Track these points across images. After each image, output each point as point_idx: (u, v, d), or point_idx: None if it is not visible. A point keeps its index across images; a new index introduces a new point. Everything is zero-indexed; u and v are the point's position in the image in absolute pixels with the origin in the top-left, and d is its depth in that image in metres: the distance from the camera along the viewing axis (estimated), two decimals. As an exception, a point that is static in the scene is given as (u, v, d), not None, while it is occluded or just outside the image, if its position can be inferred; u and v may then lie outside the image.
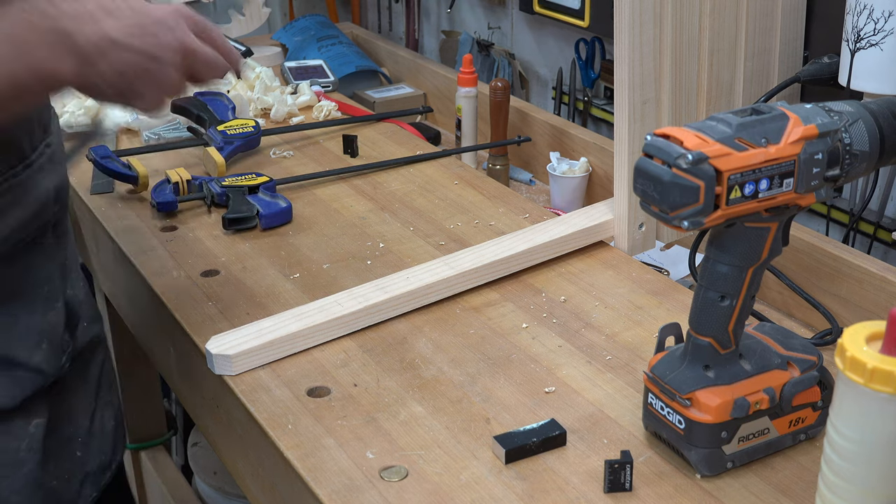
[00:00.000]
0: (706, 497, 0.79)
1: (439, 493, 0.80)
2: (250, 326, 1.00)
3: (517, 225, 1.22)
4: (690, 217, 0.72)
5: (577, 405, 0.90)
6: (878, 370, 0.63)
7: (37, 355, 0.94)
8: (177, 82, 0.86)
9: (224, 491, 1.75)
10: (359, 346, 1.00)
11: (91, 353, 1.06)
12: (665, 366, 0.82)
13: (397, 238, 1.20)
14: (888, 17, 1.04)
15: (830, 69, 1.17)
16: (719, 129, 0.74)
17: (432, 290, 1.06)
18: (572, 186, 1.38)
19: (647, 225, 1.17)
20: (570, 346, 0.99)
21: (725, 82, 1.18)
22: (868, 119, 0.79)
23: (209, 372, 0.97)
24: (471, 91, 1.50)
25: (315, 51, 1.82)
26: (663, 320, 1.00)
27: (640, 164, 0.74)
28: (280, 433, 0.88)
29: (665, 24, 1.09)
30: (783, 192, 0.75)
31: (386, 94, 1.72)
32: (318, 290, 1.09)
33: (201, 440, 1.82)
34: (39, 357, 0.94)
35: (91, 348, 1.06)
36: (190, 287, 1.11)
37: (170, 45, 0.84)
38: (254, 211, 1.23)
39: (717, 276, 0.78)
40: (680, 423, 0.80)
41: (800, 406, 0.82)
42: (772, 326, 0.88)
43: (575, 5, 1.56)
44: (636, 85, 1.09)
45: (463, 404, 0.91)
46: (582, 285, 1.09)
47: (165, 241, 1.21)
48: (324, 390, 0.93)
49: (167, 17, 0.86)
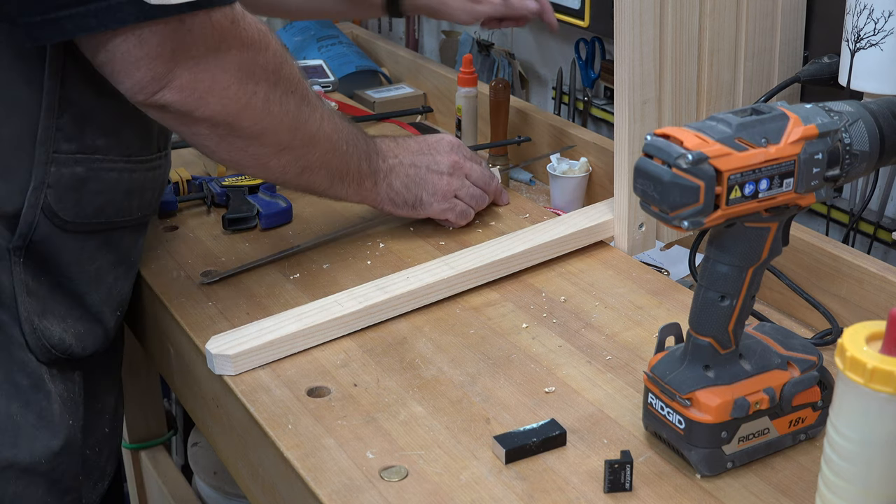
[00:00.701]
0: (706, 497, 0.79)
1: (439, 493, 0.80)
2: (250, 326, 1.00)
3: (517, 225, 1.22)
4: (690, 217, 0.72)
5: (577, 405, 0.90)
6: (878, 370, 0.63)
7: (112, 320, 1.08)
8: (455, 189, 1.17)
9: (224, 491, 1.75)
10: (359, 346, 1.00)
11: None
12: (665, 366, 0.82)
13: (397, 238, 1.20)
14: (888, 17, 1.04)
15: (830, 69, 1.17)
16: (719, 129, 0.74)
17: (432, 290, 1.06)
18: (572, 186, 1.38)
19: (647, 225, 1.17)
20: (570, 346, 0.99)
21: (725, 82, 1.18)
22: (868, 119, 0.79)
23: (209, 372, 0.97)
24: (471, 91, 1.50)
25: (315, 51, 1.82)
26: (663, 320, 1.00)
27: (640, 164, 0.74)
28: (280, 433, 0.88)
29: (665, 24, 1.09)
30: (783, 192, 0.75)
31: (386, 94, 1.72)
32: (318, 290, 1.09)
33: (201, 440, 1.82)
34: (113, 323, 1.08)
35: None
36: (190, 287, 1.11)
37: (442, 161, 1.17)
38: (254, 211, 1.23)
39: (717, 276, 0.78)
40: (680, 423, 0.80)
41: (800, 406, 0.82)
42: (772, 326, 0.88)
43: (575, 5, 1.56)
44: (636, 85, 1.09)
45: (463, 404, 0.91)
46: (582, 285, 1.09)
47: (165, 241, 1.21)
48: (324, 390, 0.93)
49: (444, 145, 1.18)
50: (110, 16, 0.86)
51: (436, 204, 1.17)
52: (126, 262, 1.08)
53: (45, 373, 1.02)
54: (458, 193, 1.18)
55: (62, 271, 1.01)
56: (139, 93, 0.91)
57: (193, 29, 0.89)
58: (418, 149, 1.17)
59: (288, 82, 0.99)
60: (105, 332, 1.07)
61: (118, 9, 0.85)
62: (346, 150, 1.08)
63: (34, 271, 0.99)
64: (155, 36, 0.88)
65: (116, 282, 1.07)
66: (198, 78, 0.91)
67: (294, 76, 1.00)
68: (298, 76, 1.01)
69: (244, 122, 0.97)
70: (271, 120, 0.98)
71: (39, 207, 0.97)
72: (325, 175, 1.08)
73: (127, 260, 1.08)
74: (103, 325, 1.07)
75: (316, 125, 1.03)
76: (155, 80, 0.90)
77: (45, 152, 0.96)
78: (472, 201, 1.19)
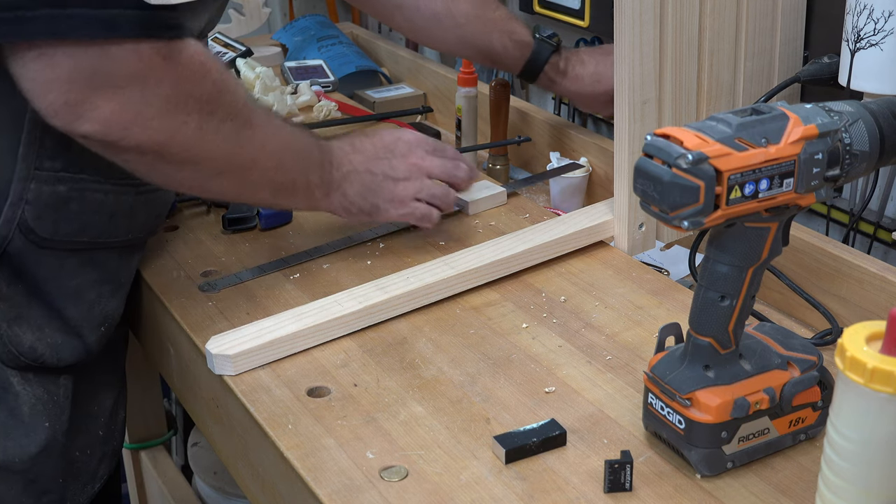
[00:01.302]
0: (706, 497, 0.79)
1: (439, 493, 0.80)
2: (250, 326, 1.00)
3: (517, 225, 1.22)
4: (690, 217, 0.72)
5: (577, 405, 0.90)
6: (878, 370, 0.63)
7: (93, 336, 1.06)
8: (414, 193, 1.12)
9: (224, 491, 1.75)
10: (359, 346, 1.00)
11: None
12: (665, 366, 0.82)
13: (397, 238, 1.20)
14: (888, 17, 1.04)
15: (830, 69, 1.17)
16: (719, 129, 0.74)
17: (432, 290, 1.06)
18: (572, 186, 1.38)
19: (647, 225, 1.17)
20: (570, 345, 0.99)
21: (725, 82, 1.18)
22: (868, 119, 0.79)
23: (209, 372, 0.97)
24: (471, 91, 1.50)
25: (315, 51, 1.82)
26: (663, 320, 1.00)
27: (640, 164, 0.74)
28: (280, 433, 0.88)
29: (665, 24, 1.09)
30: (783, 192, 0.75)
31: (386, 94, 1.71)
32: (318, 290, 1.09)
33: (201, 440, 1.82)
34: (94, 338, 1.06)
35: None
36: (190, 287, 1.11)
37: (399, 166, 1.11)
38: (254, 211, 1.23)
39: (717, 276, 0.78)
40: (680, 423, 0.80)
41: (800, 406, 0.82)
42: (772, 326, 0.88)
43: (575, 5, 1.56)
44: (636, 85, 1.09)
45: (463, 404, 0.91)
46: (582, 285, 1.09)
47: (165, 241, 1.21)
48: (324, 390, 0.93)
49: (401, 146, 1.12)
50: (19, 27, 0.80)
51: (393, 210, 1.12)
52: (113, 281, 1.07)
53: (14, 376, 1.01)
54: (419, 196, 1.12)
55: (38, 284, 1.00)
56: (54, 118, 0.85)
57: (116, 58, 0.84)
58: (374, 153, 1.11)
59: (227, 110, 0.94)
60: (84, 346, 1.06)
61: (30, 21, 0.80)
62: (294, 166, 1.04)
63: (8, 278, 0.97)
64: (68, 59, 0.82)
65: (100, 299, 1.06)
66: (121, 109, 0.86)
67: (236, 102, 0.96)
68: (242, 101, 0.97)
69: (173, 150, 0.92)
70: (204, 147, 0.94)
71: (15, 223, 0.95)
72: (270, 191, 1.04)
73: (114, 279, 1.07)
74: (83, 339, 1.05)
75: (258, 147, 0.99)
76: (69, 107, 0.84)
77: (27, 168, 0.93)
78: (435, 201, 1.14)
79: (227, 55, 1.71)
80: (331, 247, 1.18)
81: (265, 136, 1.00)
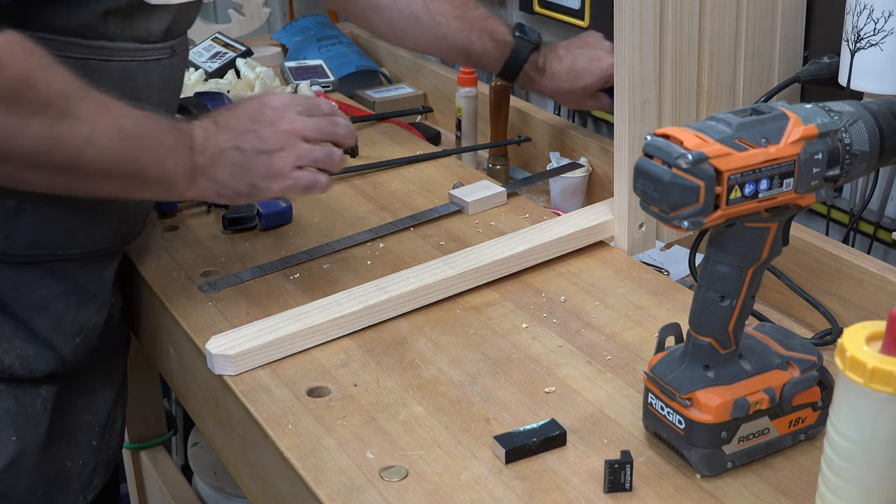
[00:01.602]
0: (706, 497, 0.79)
1: (439, 493, 0.80)
2: (250, 326, 1.00)
3: (517, 225, 1.22)
4: (690, 217, 0.72)
5: (577, 405, 0.90)
6: (878, 370, 0.63)
7: (66, 347, 1.04)
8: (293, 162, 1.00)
9: (224, 491, 1.75)
10: (359, 346, 1.00)
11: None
12: (665, 366, 0.82)
13: (397, 238, 1.20)
14: (888, 17, 1.04)
15: (830, 69, 1.17)
16: (719, 129, 0.74)
17: (432, 290, 1.06)
18: (572, 186, 1.38)
19: (647, 225, 1.17)
20: (570, 346, 0.99)
21: (725, 82, 1.18)
22: (868, 119, 0.79)
23: (209, 372, 0.97)
24: (471, 91, 1.50)
25: (315, 51, 1.82)
26: (663, 320, 1.00)
27: (640, 164, 0.74)
28: (280, 433, 0.88)
29: (665, 24, 1.09)
30: (783, 192, 0.75)
31: (386, 94, 1.71)
32: (318, 290, 1.09)
33: (201, 440, 1.82)
34: (69, 349, 1.05)
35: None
36: (190, 287, 1.11)
37: (269, 137, 0.99)
38: (254, 211, 1.23)
39: (717, 276, 0.78)
40: (680, 423, 0.80)
41: (800, 406, 0.82)
42: (772, 326, 0.88)
43: (575, 5, 1.56)
44: (636, 85, 1.09)
45: (463, 404, 0.91)
46: (582, 285, 1.09)
47: (165, 241, 1.21)
48: (324, 390, 0.93)
49: (268, 113, 1.01)
50: None
51: (274, 185, 1.00)
52: (82, 292, 1.05)
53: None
54: (299, 163, 1.00)
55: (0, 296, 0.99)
56: None
57: None
58: (240, 127, 1.00)
59: (33, 103, 0.87)
60: (58, 357, 1.04)
61: None
62: (139, 155, 0.95)
63: None
64: None
65: (68, 310, 1.04)
66: None
67: (48, 94, 0.88)
68: (59, 91, 0.89)
69: None
70: (9, 143, 0.87)
71: None
72: (112, 184, 0.96)
73: (83, 290, 1.05)
74: (55, 350, 1.03)
75: (83, 139, 0.91)
76: None
77: None
78: (319, 164, 1.02)
79: (227, 55, 1.71)
80: (331, 247, 1.18)
81: (92, 127, 0.91)
